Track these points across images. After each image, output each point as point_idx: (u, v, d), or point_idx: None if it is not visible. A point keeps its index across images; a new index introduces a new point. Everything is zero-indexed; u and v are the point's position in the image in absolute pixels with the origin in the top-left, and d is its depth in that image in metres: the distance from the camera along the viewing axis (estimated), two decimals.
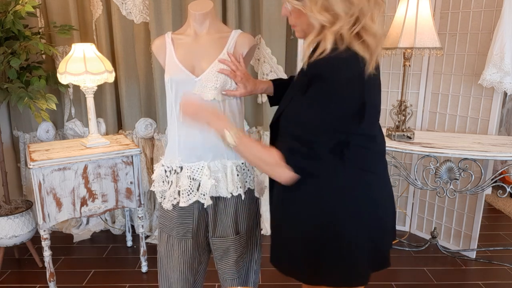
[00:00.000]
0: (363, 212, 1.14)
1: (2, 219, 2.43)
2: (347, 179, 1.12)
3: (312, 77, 1.03)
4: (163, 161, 1.53)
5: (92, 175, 2.28)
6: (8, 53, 2.28)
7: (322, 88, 1.02)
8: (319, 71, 1.02)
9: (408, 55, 2.27)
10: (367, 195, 1.14)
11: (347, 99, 1.03)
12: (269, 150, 1.12)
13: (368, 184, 1.15)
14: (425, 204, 2.93)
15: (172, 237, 1.53)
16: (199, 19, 1.45)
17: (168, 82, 1.44)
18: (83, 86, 2.31)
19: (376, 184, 1.17)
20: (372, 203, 1.15)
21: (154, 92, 2.80)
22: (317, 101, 1.03)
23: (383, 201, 1.20)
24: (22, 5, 2.30)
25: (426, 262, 2.65)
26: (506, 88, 2.33)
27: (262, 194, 1.60)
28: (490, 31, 2.41)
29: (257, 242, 1.62)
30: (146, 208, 2.98)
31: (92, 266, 2.64)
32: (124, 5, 2.70)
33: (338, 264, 1.15)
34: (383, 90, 2.82)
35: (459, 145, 2.25)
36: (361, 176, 1.13)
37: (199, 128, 1.42)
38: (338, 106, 1.03)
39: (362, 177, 1.13)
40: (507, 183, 2.26)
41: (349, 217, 1.13)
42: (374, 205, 1.16)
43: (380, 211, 1.18)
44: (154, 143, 2.95)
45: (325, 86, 1.01)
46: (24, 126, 2.96)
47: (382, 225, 1.20)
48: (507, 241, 2.96)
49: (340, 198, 1.12)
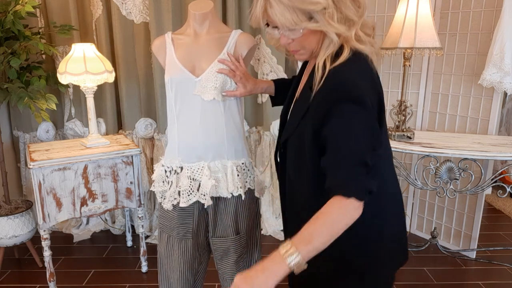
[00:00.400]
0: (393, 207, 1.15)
1: (2, 219, 2.43)
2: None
3: (336, 100, 0.97)
4: (163, 161, 1.53)
5: (92, 175, 2.28)
6: (8, 53, 2.28)
7: (353, 110, 0.96)
8: (342, 94, 0.97)
9: (408, 55, 2.27)
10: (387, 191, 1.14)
11: (372, 107, 0.99)
12: (326, 207, 0.96)
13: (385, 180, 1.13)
14: (425, 204, 2.93)
15: (172, 237, 1.53)
16: (199, 19, 1.45)
17: (168, 82, 1.44)
18: (83, 86, 2.31)
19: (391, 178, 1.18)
20: (393, 197, 1.16)
21: (154, 92, 2.80)
22: (353, 123, 0.97)
23: (400, 196, 1.21)
24: (22, 5, 2.30)
25: (426, 262, 2.65)
26: (506, 88, 2.33)
27: (262, 194, 1.60)
28: (490, 31, 2.40)
29: (257, 242, 1.62)
30: (146, 208, 2.98)
31: (92, 266, 2.64)
32: (124, 5, 2.70)
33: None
34: (383, 90, 2.84)
35: (459, 145, 2.25)
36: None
37: (198, 128, 1.42)
38: (371, 120, 0.98)
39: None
40: (507, 183, 2.26)
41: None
42: (396, 200, 1.18)
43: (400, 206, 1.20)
44: (154, 143, 2.95)
45: (355, 107, 0.96)
46: (24, 126, 2.96)
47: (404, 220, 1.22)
48: (507, 241, 2.96)
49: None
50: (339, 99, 0.97)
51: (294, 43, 1.06)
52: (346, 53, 1.01)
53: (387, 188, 1.14)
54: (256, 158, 2.95)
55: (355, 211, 0.96)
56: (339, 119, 0.97)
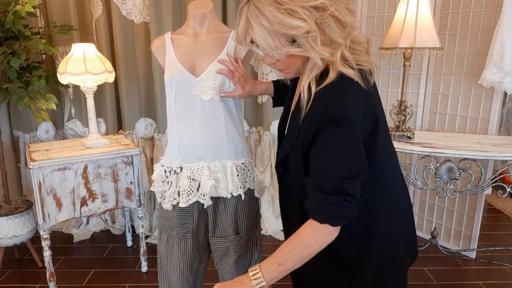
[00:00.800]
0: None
1: (2, 219, 2.43)
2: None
3: (321, 126, 0.96)
4: (163, 161, 1.53)
5: (92, 175, 2.28)
6: (8, 53, 2.28)
7: (336, 135, 0.95)
8: (326, 118, 0.95)
9: (408, 55, 2.27)
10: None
11: (362, 127, 0.98)
12: (301, 229, 0.99)
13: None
14: (425, 204, 2.93)
15: (172, 237, 1.53)
16: (199, 19, 1.45)
17: (167, 82, 1.44)
18: (83, 86, 2.31)
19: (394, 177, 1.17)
20: (396, 199, 1.16)
21: (154, 92, 2.80)
22: (335, 150, 0.96)
23: (404, 197, 1.21)
24: (22, 5, 2.30)
25: (426, 262, 2.65)
26: (506, 88, 2.33)
27: (262, 194, 1.60)
28: (490, 31, 2.40)
29: (257, 242, 1.62)
30: (146, 208, 2.98)
31: (92, 266, 2.64)
32: (124, 5, 2.70)
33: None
34: (383, 90, 2.84)
35: (459, 145, 2.25)
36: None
37: (198, 128, 1.42)
38: (355, 145, 0.96)
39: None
40: (507, 183, 2.26)
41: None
42: (399, 202, 1.17)
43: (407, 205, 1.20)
44: (154, 143, 2.95)
45: (338, 132, 0.95)
46: (24, 126, 2.96)
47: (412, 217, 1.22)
48: (507, 241, 2.96)
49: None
50: (323, 125, 0.95)
51: (279, 63, 1.04)
52: (332, 74, 0.97)
53: (391, 191, 1.13)
54: (256, 158, 2.95)
55: (328, 236, 0.98)
56: (321, 145, 0.97)
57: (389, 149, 1.15)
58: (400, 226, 1.17)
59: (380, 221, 1.10)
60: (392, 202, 1.14)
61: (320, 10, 0.92)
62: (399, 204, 1.17)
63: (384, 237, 1.11)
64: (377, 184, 1.07)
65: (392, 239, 1.13)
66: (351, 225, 1.01)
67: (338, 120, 0.94)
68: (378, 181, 1.07)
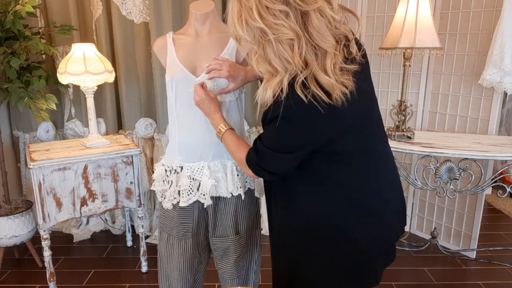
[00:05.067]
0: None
1: (2, 219, 2.43)
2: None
3: (277, 116, 1.07)
4: (164, 160, 1.53)
5: (92, 175, 2.28)
6: (8, 53, 2.28)
7: (289, 127, 1.08)
8: (284, 113, 1.05)
9: (408, 55, 2.27)
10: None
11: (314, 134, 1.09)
12: (240, 146, 1.27)
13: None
14: (425, 204, 2.93)
15: (172, 236, 1.54)
16: (200, 19, 1.45)
17: (168, 82, 1.44)
18: (83, 86, 2.31)
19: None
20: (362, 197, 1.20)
21: (154, 92, 2.80)
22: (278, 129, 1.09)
23: (371, 196, 1.21)
24: (22, 5, 2.30)
25: (426, 262, 2.66)
26: (506, 88, 2.33)
27: (262, 194, 1.60)
28: (490, 31, 2.41)
29: (257, 242, 1.62)
30: (146, 208, 2.98)
31: (92, 266, 2.64)
32: (124, 5, 2.70)
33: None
34: (383, 90, 2.84)
35: (459, 145, 2.25)
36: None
37: (198, 128, 1.42)
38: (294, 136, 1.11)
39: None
40: (507, 183, 2.26)
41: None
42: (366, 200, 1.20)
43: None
44: (154, 143, 2.95)
45: (292, 126, 1.07)
46: (24, 126, 2.96)
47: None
48: (507, 241, 2.97)
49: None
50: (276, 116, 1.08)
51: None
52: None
53: (350, 188, 1.17)
54: None
55: (244, 166, 1.24)
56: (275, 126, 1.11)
57: (371, 150, 1.18)
58: (369, 226, 1.19)
59: (350, 220, 1.17)
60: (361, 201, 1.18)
61: (263, 32, 1.01)
62: (368, 202, 1.19)
63: (352, 236, 1.17)
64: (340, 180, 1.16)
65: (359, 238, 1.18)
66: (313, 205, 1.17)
67: (289, 118, 1.06)
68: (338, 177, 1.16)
